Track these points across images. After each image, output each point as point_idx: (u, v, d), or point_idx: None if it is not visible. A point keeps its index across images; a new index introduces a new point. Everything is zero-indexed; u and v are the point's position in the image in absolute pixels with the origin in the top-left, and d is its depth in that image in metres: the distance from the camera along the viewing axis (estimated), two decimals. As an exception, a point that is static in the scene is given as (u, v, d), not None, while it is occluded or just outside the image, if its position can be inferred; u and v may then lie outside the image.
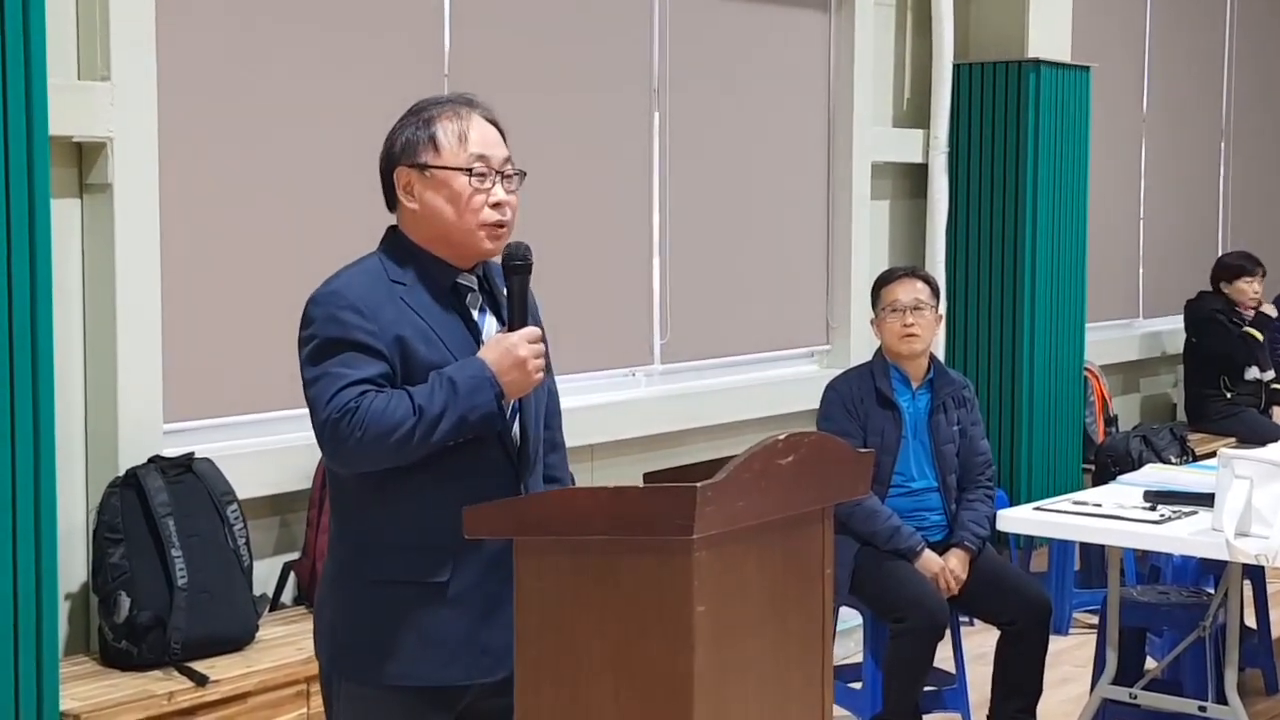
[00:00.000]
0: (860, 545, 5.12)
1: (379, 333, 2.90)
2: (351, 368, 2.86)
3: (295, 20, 4.85)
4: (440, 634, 2.95)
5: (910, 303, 5.23)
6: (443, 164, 2.98)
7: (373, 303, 2.91)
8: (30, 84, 3.75)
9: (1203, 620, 4.99)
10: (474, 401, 2.87)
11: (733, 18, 6.36)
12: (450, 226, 2.99)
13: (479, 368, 2.90)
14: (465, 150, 2.99)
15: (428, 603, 2.95)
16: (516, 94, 5.49)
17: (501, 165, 3.02)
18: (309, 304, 2.96)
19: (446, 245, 3.01)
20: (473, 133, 3.00)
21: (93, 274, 4.33)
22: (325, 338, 2.89)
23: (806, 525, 2.91)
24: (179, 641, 4.17)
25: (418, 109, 3.05)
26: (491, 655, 2.97)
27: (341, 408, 2.83)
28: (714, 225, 6.34)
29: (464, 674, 2.98)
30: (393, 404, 2.84)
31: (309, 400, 2.90)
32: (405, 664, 2.95)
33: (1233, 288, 8.40)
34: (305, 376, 2.92)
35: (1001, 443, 7.04)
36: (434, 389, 2.86)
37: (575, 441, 5.56)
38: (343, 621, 3.01)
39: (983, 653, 5.53)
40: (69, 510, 4.21)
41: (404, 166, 3.01)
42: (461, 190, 2.98)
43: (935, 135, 7.12)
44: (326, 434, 2.86)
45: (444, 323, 2.98)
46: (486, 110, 3.07)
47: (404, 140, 3.01)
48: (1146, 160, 9.07)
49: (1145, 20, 8.98)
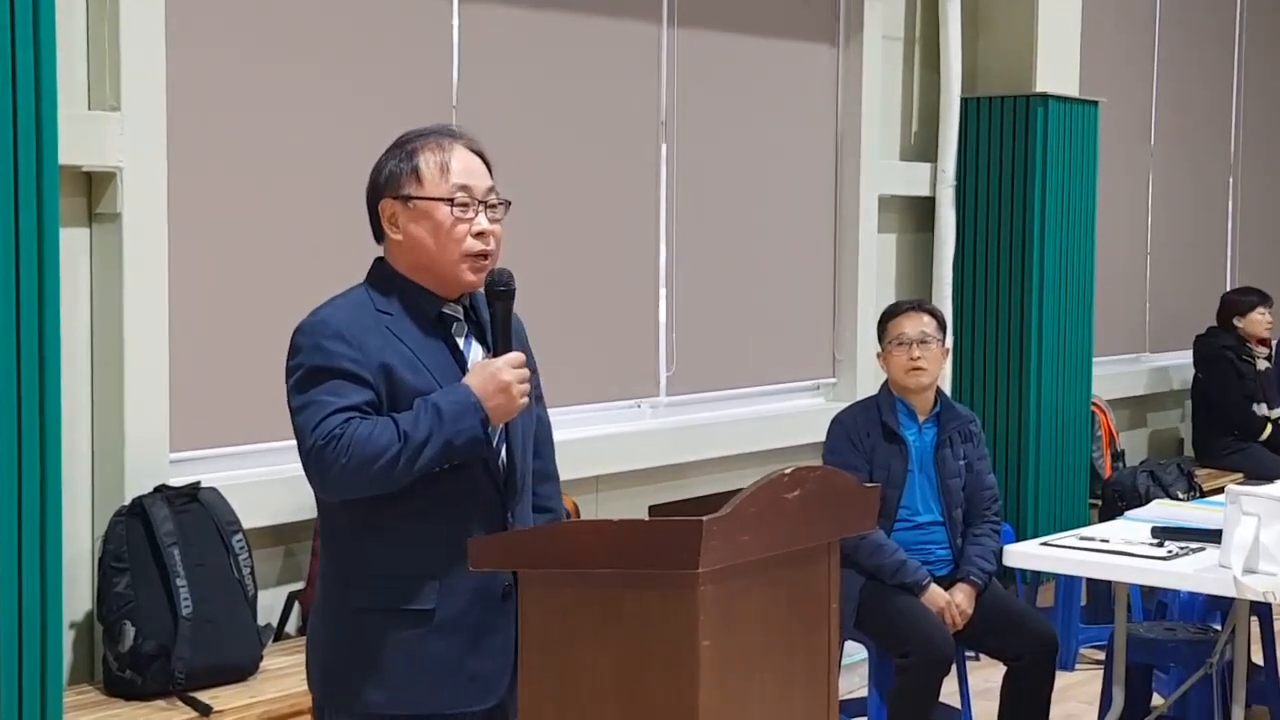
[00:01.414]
0: (866, 579, 5.11)
1: (364, 360, 2.90)
2: (337, 395, 2.87)
3: (304, 52, 4.87)
4: (427, 662, 2.95)
5: (916, 336, 5.23)
6: (425, 195, 2.99)
7: (358, 331, 2.93)
8: (40, 113, 3.76)
9: (1209, 657, 4.97)
10: (459, 426, 2.87)
11: (740, 50, 6.37)
12: (433, 257, 2.99)
13: (464, 393, 2.90)
14: (447, 181, 2.99)
15: (414, 631, 2.94)
16: (524, 125, 5.51)
17: (485, 195, 3.02)
18: (295, 333, 2.97)
19: (430, 275, 3.01)
20: (455, 163, 3.01)
21: (101, 303, 4.33)
22: (311, 366, 2.90)
23: (812, 560, 2.91)
24: (183, 671, 4.16)
25: (402, 141, 3.06)
26: (479, 684, 2.97)
27: (326, 435, 2.84)
28: (720, 257, 6.34)
29: (451, 702, 2.97)
30: (377, 430, 2.84)
31: (295, 428, 2.92)
32: (392, 693, 2.95)
33: (1247, 320, 8.38)
34: (291, 405, 2.93)
35: (1008, 477, 7.03)
36: (419, 415, 2.87)
37: (580, 473, 5.62)
38: (331, 651, 3.01)
39: (988, 688, 5.51)
40: (74, 539, 4.21)
41: (388, 198, 3.02)
42: (444, 220, 2.98)
43: (943, 169, 7.12)
44: (312, 461, 2.87)
45: (429, 351, 2.99)
46: (470, 140, 3.08)
47: (388, 172, 3.03)
48: (1154, 194, 9.07)
49: (1153, 54, 9.00)
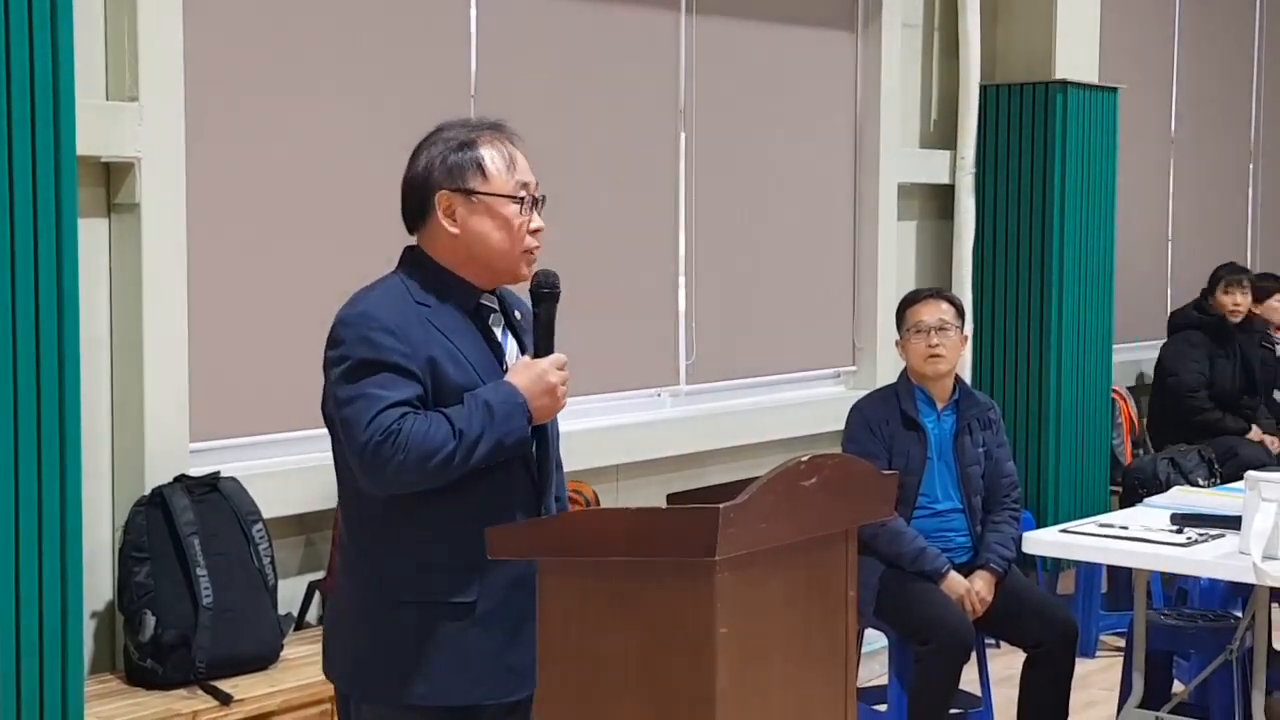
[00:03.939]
0: (885, 567, 5.11)
1: (412, 354, 2.90)
2: (389, 389, 2.87)
3: (322, 41, 4.87)
4: (468, 653, 2.96)
5: (935, 324, 5.22)
6: (492, 190, 2.99)
7: (404, 324, 2.92)
8: (59, 104, 3.77)
9: (1230, 644, 4.96)
10: (510, 426, 2.89)
11: (759, 38, 6.36)
12: (495, 253, 3.00)
13: (512, 392, 2.92)
14: (514, 177, 3.01)
15: (456, 622, 2.95)
16: (543, 115, 5.50)
17: (535, 191, 3.05)
18: (338, 325, 2.96)
19: (482, 268, 3.02)
20: (518, 159, 3.03)
21: (120, 293, 4.35)
22: (360, 358, 2.89)
23: (830, 547, 2.91)
24: (203, 660, 4.18)
25: (449, 132, 3.04)
26: (517, 674, 2.98)
27: (384, 430, 2.83)
28: (740, 246, 6.34)
29: (489, 693, 2.98)
30: (433, 427, 2.85)
31: (344, 421, 2.89)
32: (433, 684, 2.95)
33: (1265, 307, 8.35)
34: (339, 396, 2.90)
35: (1029, 464, 7.02)
36: (471, 412, 2.88)
37: (601, 462, 5.63)
38: (365, 642, 3.01)
39: (1009, 675, 5.51)
40: (95, 529, 4.22)
41: (447, 190, 3.00)
42: (512, 218, 3.00)
43: (962, 156, 7.11)
44: (368, 456, 2.85)
45: (469, 344, 2.99)
46: (514, 135, 3.09)
47: (447, 163, 3.00)
48: (1174, 180, 9.05)
49: (1173, 41, 8.97)
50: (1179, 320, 8.06)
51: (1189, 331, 7.90)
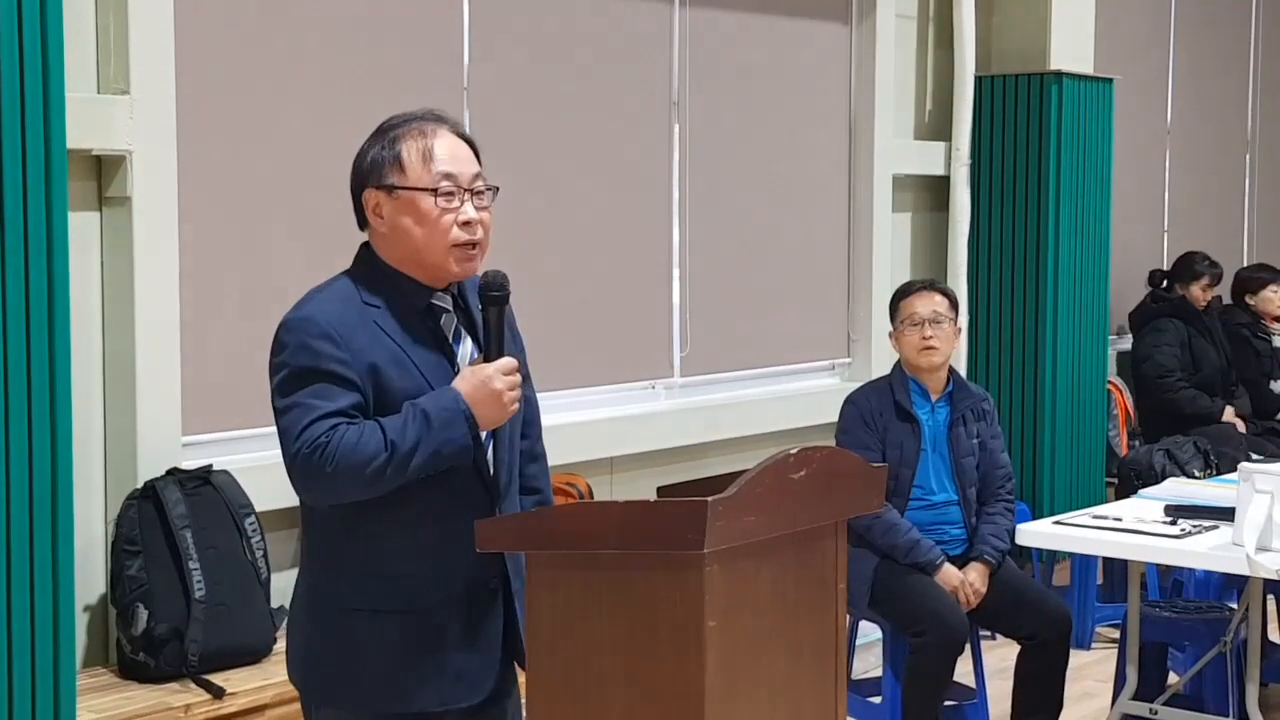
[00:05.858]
0: (880, 559, 5.11)
1: (351, 361, 2.83)
2: (323, 399, 2.81)
3: (314, 35, 4.86)
4: (415, 661, 2.92)
5: (929, 315, 5.22)
6: (408, 184, 2.90)
7: (346, 329, 2.85)
8: (49, 97, 3.77)
9: (1224, 635, 4.97)
10: (447, 435, 2.81)
11: (753, 30, 6.36)
12: (419, 248, 2.91)
13: (453, 400, 2.84)
14: (431, 169, 2.91)
15: (403, 630, 2.91)
16: (536, 107, 5.50)
17: (470, 183, 2.93)
18: (280, 329, 2.90)
19: (417, 266, 2.94)
20: (439, 150, 2.92)
21: (112, 287, 4.34)
22: (296, 367, 2.84)
23: (819, 539, 2.91)
24: (196, 654, 4.18)
25: (384, 127, 2.98)
26: (465, 682, 2.95)
27: (312, 442, 2.78)
28: (734, 238, 6.33)
29: (437, 700, 2.94)
30: (365, 438, 2.78)
31: (279, 431, 2.85)
32: (379, 689, 2.92)
33: (1259, 298, 8.35)
34: (275, 406, 2.86)
35: (1024, 456, 7.02)
36: (407, 422, 2.80)
37: (594, 454, 5.63)
38: (318, 646, 2.98)
39: (1003, 667, 5.51)
40: (87, 522, 4.22)
41: (371, 188, 2.94)
42: (428, 211, 2.90)
43: (957, 148, 7.10)
44: (297, 468, 2.81)
45: (418, 347, 2.92)
46: (455, 125, 3.00)
47: (370, 160, 2.95)
48: (1170, 172, 9.04)
49: (1169, 31, 8.96)
50: (1146, 313, 8.04)
51: (1157, 320, 7.91)
